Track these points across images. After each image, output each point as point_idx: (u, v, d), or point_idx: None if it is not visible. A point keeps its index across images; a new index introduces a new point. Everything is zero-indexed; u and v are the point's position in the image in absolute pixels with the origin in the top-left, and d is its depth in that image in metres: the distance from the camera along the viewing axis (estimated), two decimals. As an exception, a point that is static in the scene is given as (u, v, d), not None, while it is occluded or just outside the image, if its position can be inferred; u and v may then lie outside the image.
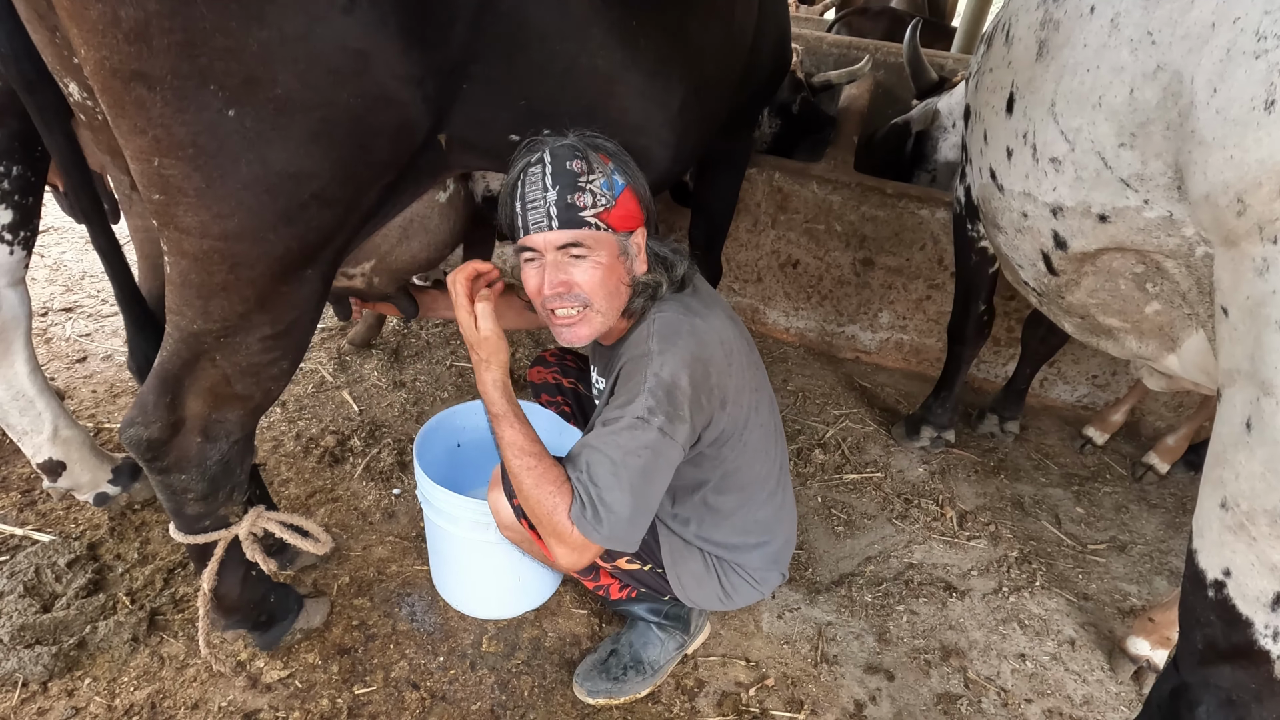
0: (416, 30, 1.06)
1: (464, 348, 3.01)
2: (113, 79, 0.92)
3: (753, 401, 1.47)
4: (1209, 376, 1.40)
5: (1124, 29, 1.18)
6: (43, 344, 2.76)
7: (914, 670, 1.88)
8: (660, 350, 1.31)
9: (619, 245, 1.33)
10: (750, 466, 1.52)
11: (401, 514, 2.18)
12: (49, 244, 3.49)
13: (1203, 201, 1.06)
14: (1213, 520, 1.05)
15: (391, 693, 1.67)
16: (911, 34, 3.34)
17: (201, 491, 1.36)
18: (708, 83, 1.66)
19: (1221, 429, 1.05)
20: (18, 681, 1.59)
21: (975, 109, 1.82)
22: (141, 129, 0.95)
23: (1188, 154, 1.07)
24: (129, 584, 1.84)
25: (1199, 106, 1.03)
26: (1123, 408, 2.78)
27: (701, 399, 1.33)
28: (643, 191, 1.34)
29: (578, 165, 1.26)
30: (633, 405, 1.29)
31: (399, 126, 1.12)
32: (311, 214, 1.09)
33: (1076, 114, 1.28)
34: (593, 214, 1.27)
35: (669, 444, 1.30)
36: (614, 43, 1.35)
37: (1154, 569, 2.29)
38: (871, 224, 3.02)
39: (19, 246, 1.65)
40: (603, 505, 1.26)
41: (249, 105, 0.96)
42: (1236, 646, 1.04)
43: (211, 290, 1.12)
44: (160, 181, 1.00)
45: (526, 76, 1.28)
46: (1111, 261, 1.37)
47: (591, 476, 1.27)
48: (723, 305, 1.50)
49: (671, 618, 1.74)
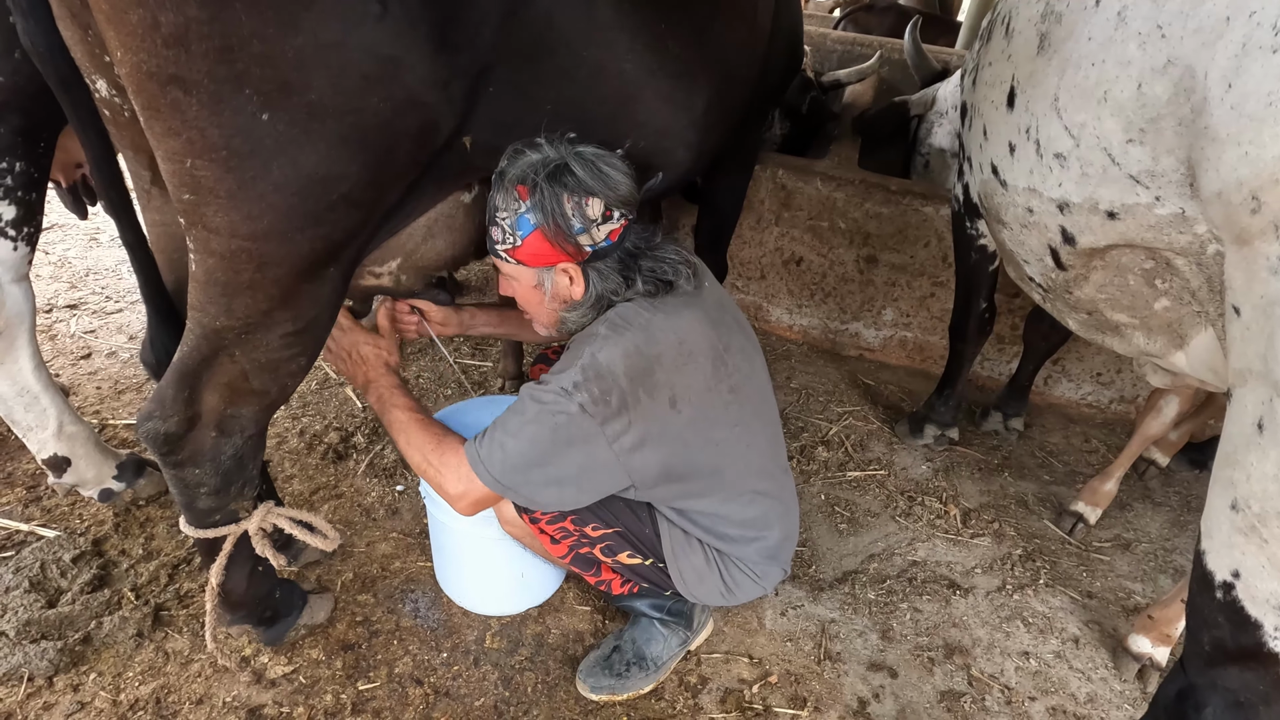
0: (444, 35, 1.07)
1: (467, 344, 3.02)
2: (149, 81, 0.93)
3: (723, 401, 1.45)
4: (1217, 375, 1.39)
5: (1131, 22, 1.16)
6: (47, 340, 2.77)
7: (917, 668, 1.88)
8: (606, 335, 1.35)
9: (534, 277, 1.40)
10: (728, 466, 1.50)
11: (405, 510, 2.18)
12: (53, 241, 3.49)
13: (1215, 199, 1.04)
14: (1222, 521, 1.04)
15: (395, 689, 1.68)
16: (911, 30, 3.35)
17: (214, 486, 1.37)
18: (730, 83, 1.66)
19: (1232, 429, 1.04)
20: (23, 676, 1.60)
21: (974, 104, 1.79)
22: (176, 131, 0.97)
23: (1200, 150, 1.05)
24: (134, 580, 1.85)
25: (1212, 102, 1.01)
26: (1115, 475, 2.35)
27: (640, 393, 1.33)
28: (557, 233, 1.31)
29: (499, 198, 1.33)
30: (561, 376, 1.34)
31: (422, 128, 1.13)
32: (339, 215, 1.11)
33: (1081, 109, 1.26)
34: (502, 248, 1.37)
35: (588, 423, 1.31)
36: (641, 47, 1.35)
37: (1158, 567, 2.28)
38: (875, 221, 3.01)
39: (23, 242, 1.65)
40: (495, 442, 1.36)
41: (283, 109, 0.97)
42: (1245, 649, 1.03)
43: (237, 288, 1.13)
44: (192, 182, 1.01)
45: (552, 81, 1.28)
46: (1120, 257, 1.35)
47: (502, 421, 1.38)
48: (704, 307, 1.45)
49: (674, 613, 1.74)
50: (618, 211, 1.35)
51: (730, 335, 1.49)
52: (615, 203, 1.33)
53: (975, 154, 1.78)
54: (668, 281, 1.40)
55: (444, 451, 1.43)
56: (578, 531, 1.54)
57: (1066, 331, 2.57)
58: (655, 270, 1.40)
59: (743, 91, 1.82)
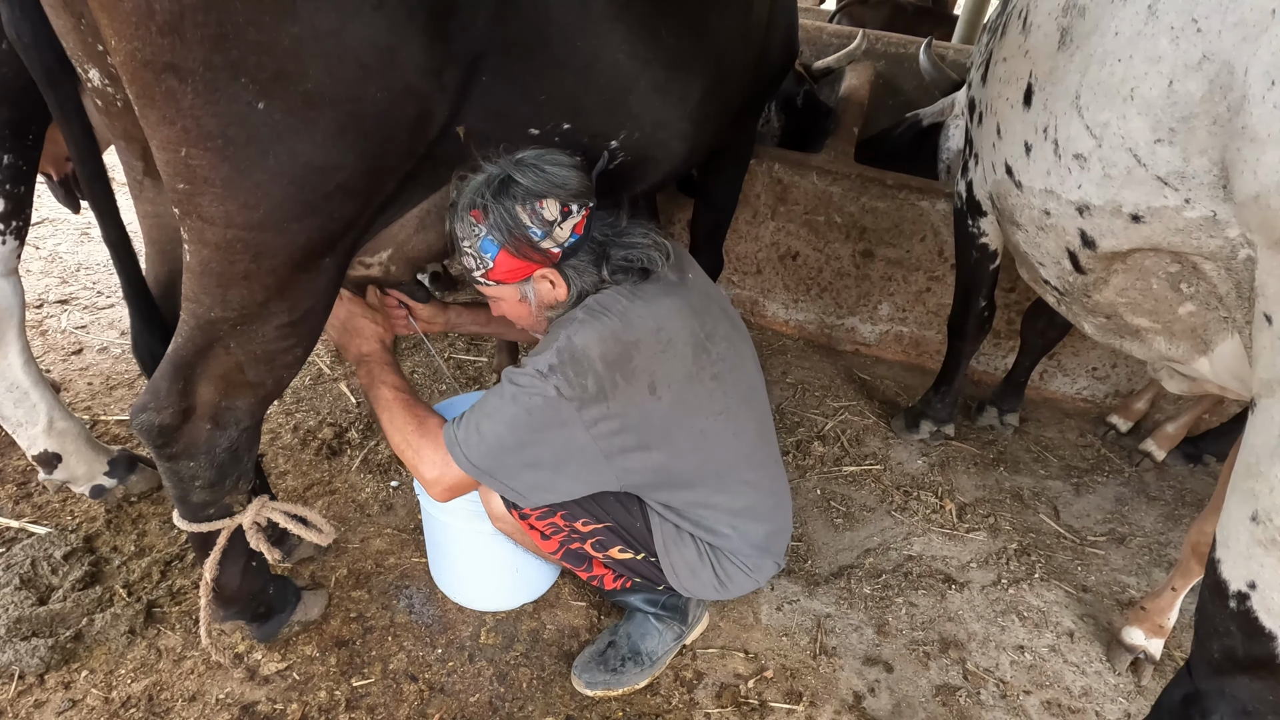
0: (439, 22, 1.06)
1: (462, 339, 3.01)
2: (144, 70, 0.92)
3: (707, 390, 1.44)
4: (1243, 383, 1.34)
5: (1163, 16, 1.10)
6: (38, 336, 2.75)
7: (913, 662, 1.88)
8: (582, 319, 1.35)
9: (516, 291, 1.41)
10: (715, 455, 1.49)
11: (399, 506, 2.17)
12: (44, 235, 3.47)
13: (1252, 202, 1.00)
14: (1241, 532, 1.02)
15: (390, 684, 1.67)
16: (926, 49, 3.38)
17: (209, 479, 1.36)
18: (726, 75, 1.64)
19: (1256, 440, 1.01)
20: (14, 674, 1.59)
21: (985, 102, 1.75)
22: (170, 120, 0.96)
23: (1236, 151, 1.00)
24: (126, 576, 1.83)
25: (1252, 100, 0.96)
26: (1146, 395, 2.83)
27: (617, 378, 1.33)
28: (521, 245, 1.31)
29: (458, 229, 1.33)
30: (537, 359, 1.34)
31: (418, 116, 1.13)
32: (335, 204, 1.10)
33: (1105, 107, 1.20)
34: (477, 275, 1.38)
35: (565, 406, 1.31)
36: (637, 38, 1.34)
37: (1153, 561, 2.29)
38: (871, 215, 3.00)
39: (11, 236, 1.63)
40: (471, 425, 1.36)
41: (279, 98, 0.96)
42: (1256, 659, 1.03)
43: (232, 279, 1.12)
44: (186, 171, 1.00)
45: (546, 71, 1.27)
46: (1144, 261, 1.30)
47: (480, 404, 1.38)
48: (686, 296, 1.44)
49: (669, 608, 1.74)
50: (575, 205, 1.33)
51: (715, 323, 1.48)
52: (568, 198, 1.31)
53: (987, 153, 1.73)
54: (642, 269, 1.40)
55: (424, 433, 1.42)
56: (568, 527, 1.53)
57: (1063, 328, 2.58)
58: (627, 259, 1.39)
59: (739, 83, 1.80)
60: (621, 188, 1.58)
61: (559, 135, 1.37)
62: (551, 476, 1.40)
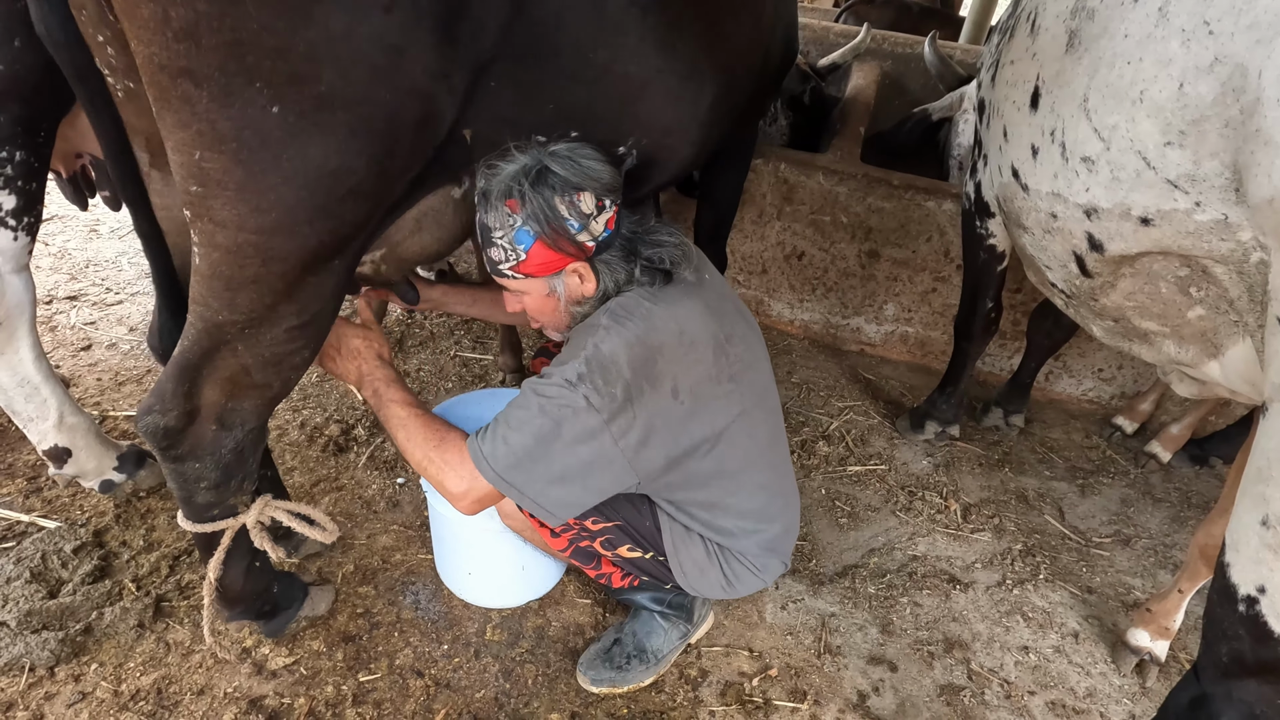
0: (448, 27, 1.06)
1: (468, 338, 3.01)
2: (160, 74, 0.93)
3: (725, 391, 1.43)
4: (1254, 388, 1.33)
5: (1174, 18, 1.09)
6: (47, 332, 2.76)
7: (917, 662, 1.88)
8: (608, 326, 1.33)
9: (545, 285, 1.38)
10: (731, 456, 1.48)
11: (405, 503, 2.18)
12: (53, 232, 3.48)
13: (1266, 205, 0.99)
14: (1251, 536, 1.02)
15: (396, 680, 1.68)
16: (931, 41, 3.36)
17: (214, 480, 1.36)
18: (734, 80, 1.64)
19: (1267, 444, 1.01)
20: (25, 666, 1.60)
21: (993, 103, 1.74)
22: (186, 123, 0.97)
23: (1250, 154, 1.00)
24: (135, 570, 1.85)
25: (1267, 103, 0.96)
26: (1151, 396, 2.84)
27: (643, 384, 1.31)
28: (558, 237, 1.29)
29: (489, 219, 1.30)
30: (564, 368, 1.31)
31: (426, 119, 1.13)
32: (346, 207, 1.11)
33: (1113, 110, 1.20)
34: (507, 268, 1.35)
35: (594, 418, 1.29)
36: (649, 49, 1.33)
37: (1158, 563, 2.28)
38: (877, 215, 3.00)
39: (23, 232, 1.64)
40: (498, 437, 1.33)
41: (292, 102, 0.97)
42: (1265, 662, 1.03)
43: (241, 283, 1.13)
44: (200, 174, 1.01)
45: (556, 81, 1.27)
46: (1152, 264, 1.29)
47: (504, 416, 1.35)
48: (704, 297, 1.44)
49: (675, 606, 1.74)
50: (608, 200, 1.33)
51: (732, 325, 1.48)
52: (603, 191, 1.31)
53: (994, 155, 1.73)
54: (666, 270, 1.40)
55: (445, 448, 1.38)
56: (578, 525, 1.53)
57: (1069, 329, 2.57)
58: (654, 258, 1.39)
59: (746, 86, 1.81)
60: (625, 189, 1.58)
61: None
62: (580, 491, 1.37)
